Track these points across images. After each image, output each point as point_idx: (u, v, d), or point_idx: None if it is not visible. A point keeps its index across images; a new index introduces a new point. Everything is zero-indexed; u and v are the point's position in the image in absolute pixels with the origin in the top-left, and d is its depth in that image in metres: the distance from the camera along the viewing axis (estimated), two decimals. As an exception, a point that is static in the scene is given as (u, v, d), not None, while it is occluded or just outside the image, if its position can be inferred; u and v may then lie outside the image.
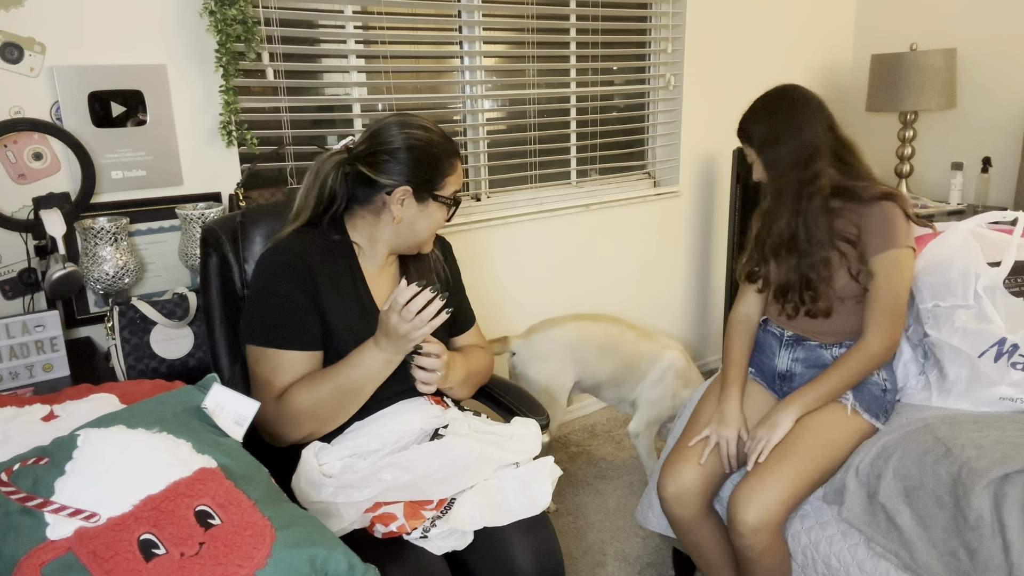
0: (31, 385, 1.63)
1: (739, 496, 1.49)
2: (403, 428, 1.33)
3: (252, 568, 0.84)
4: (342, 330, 1.33)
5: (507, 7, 2.53)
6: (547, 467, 1.32)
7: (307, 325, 1.30)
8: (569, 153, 2.86)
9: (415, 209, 1.36)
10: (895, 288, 1.55)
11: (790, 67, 3.28)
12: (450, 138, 1.38)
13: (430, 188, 1.35)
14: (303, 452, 1.26)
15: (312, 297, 1.30)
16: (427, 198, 1.36)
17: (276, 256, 1.32)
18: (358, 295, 1.38)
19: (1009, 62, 3.02)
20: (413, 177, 1.33)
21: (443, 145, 1.35)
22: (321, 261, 1.34)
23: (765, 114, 1.63)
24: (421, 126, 1.35)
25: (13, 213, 1.79)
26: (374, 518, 1.23)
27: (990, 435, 1.45)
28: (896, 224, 1.55)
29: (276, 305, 1.29)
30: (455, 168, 1.38)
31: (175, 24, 1.90)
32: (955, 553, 1.37)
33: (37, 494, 0.84)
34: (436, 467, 1.24)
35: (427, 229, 1.39)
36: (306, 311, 1.30)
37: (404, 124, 1.34)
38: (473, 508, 1.25)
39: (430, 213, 1.37)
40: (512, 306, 2.71)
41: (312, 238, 1.36)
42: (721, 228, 3.30)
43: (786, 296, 1.65)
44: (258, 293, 1.32)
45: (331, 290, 1.34)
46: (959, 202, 3.10)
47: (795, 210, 1.60)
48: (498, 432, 1.36)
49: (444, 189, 1.37)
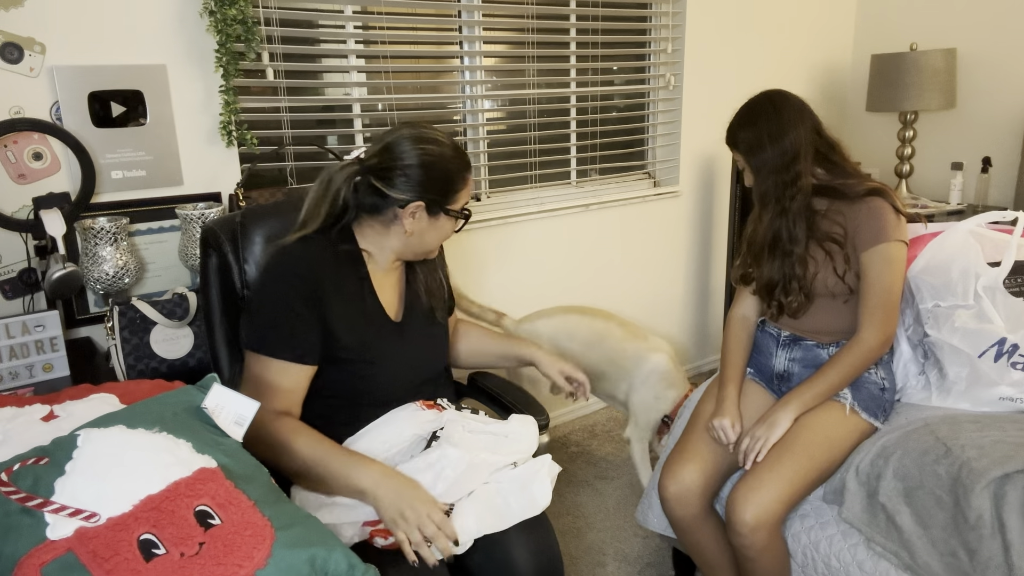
0: (31, 385, 1.63)
1: (737, 495, 1.49)
2: (395, 437, 1.32)
3: (252, 568, 0.84)
4: (347, 335, 1.33)
5: (507, 7, 2.53)
6: (545, 465, 1.31)
7: (304, 337, 1.28)
8: (569, 153, 2.86)
9: (426, 223, 1.36)
10: (887, 282, 1.56)
11: (790, 67, 3.28)
12: (462, 151, 1.38)
13: (442, 203, 1.35)
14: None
15: (314, 308, 1.29)
16: (439, 212, 1.36)
17: (283, 263, 1.31)
18: (364, 301, 1.38)
19: (1009, 62, 3.02)
20: (426, 194, 1.33)
21: (456, 160, 1.35)
22: (329, 270, 1.33)
23: (749, 120, 1.67)
24: (435, 140, 1.33)
25: (13, 213, 1.79)
26: (373, 531, 1.23)
27: (990, 435, 1.45)
28: (885, 218, 1.56)
29: (276, 313, 1.28)
30: (467, 182, 1.38)
31: (175, 24, 1.90)
32: (955, 553, 1.37)
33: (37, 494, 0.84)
34: (429, 481, 1.24)
35: (436, 240, 1.41)
36: (305, 323, 1.28)
37: (418, 139, 1.32)
38: (472, 518, 1.23)
39: (440, 225, 1.38)
40: (512, 306, 2.71)
41: (321, 245, 1.35)
42: (721, 228, 3.30)
43: (771, 295, 1.68)
44: (260, 299, 1.31)
45: (337, 298, 1.32)
46: (959, 202, 3.10)
47: (777, 211, 1.64)
48: (494, 431, 1.35)
49: (456, 203, 1.37)
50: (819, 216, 1.63)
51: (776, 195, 1.63)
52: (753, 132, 1.64)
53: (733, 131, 1.70)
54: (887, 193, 1.58)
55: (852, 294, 1.61)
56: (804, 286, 1.63)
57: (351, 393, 1.36)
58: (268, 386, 1.28)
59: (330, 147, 2.23)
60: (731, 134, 1.70)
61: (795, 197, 1.61)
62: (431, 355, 1.50)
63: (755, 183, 1.68)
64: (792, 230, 1.62)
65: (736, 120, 1.70)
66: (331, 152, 2.15)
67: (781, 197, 1.62)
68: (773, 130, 1.62)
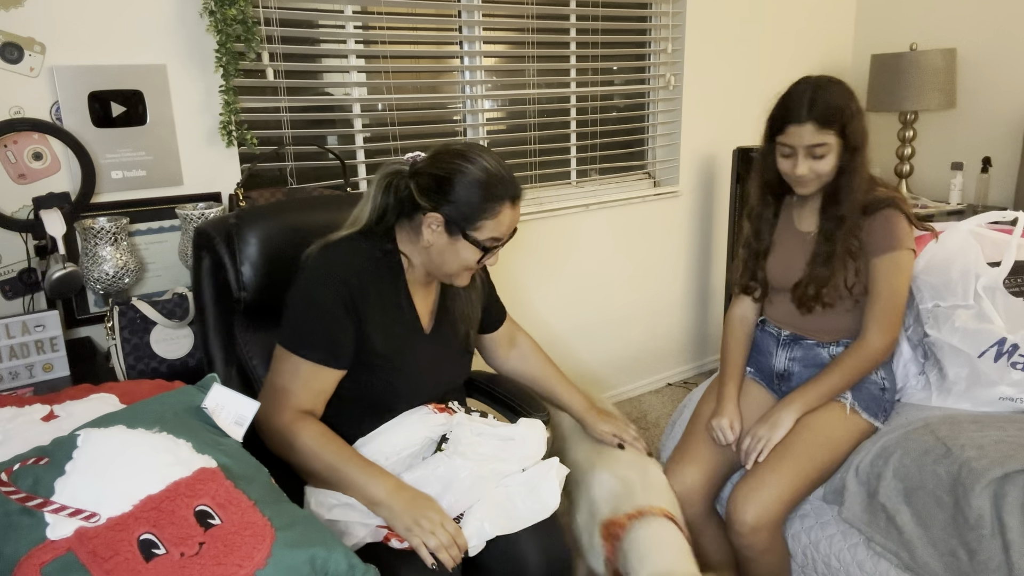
0: (31, 385, 1.63)
1: (738, 495, 1.49)
2: (406, 440, 1.33)
3: (252, 568, 0.84)
4: (381, 343, 1.34)
5: (507, 7, 2.53)
6: (553, 468, 1.32)
7: (338, 343, 1.29)
8: (569, 153, 2.86)
9: (445, 240, 1.31)
10: (896, 288, 1.56)
11: (790, 67, 3.28)
12: (507, 181, 1.30)
13: (464, 225, 1.29)
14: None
15: (354, 313, 1.30)
16: (458, 234, 1.30)
17: (328, 266, 1.31)
18: (401, 307, 1.38)
19: (1009, 62, 3.02)
20: (449, 208, 1.28)
21: (494, 187, 1.28)
22: (371, 275, 1.33)
23: (841, 95, 1.51)
24: (475, 160, 1.29)
25: (13, 213, 1.79)
26: (388, 533, 1.24)
27: (990, 435, 1.45)
28: (898, 227, 1.56)
29: (316, 317, 1.29)
30: (499, 213, 1.29)
31: (175, 24, 1.90)
32: (955, 553, 1.37)
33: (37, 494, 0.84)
34: (437, 492, 1.26)
35: (455, 264, 1.33)
36: (343, 329, 1.29)
37: (463, 154, 1.30)
38: (484, 521, 1.25)
39: (458, 250, 1.31)
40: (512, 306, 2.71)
41: (367, 248, 1.35)
42: (721, 228, 3.30)
43: (804, 293, 1.63)
44: (302, 301, 1.31)
45: (377, 305, 1.33)
46: (959, 202, 3.09)
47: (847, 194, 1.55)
48: (502, 435, 1.36)
49: (479, 231, 1.30)
50: (845, 225, 1.57)
51: (857, 182, 1.54)
52: (849, 106, 1.51)
53: (830, 102, 1.50)
54: (901, 202, 1.57)
55: (851, 296, 1.61)
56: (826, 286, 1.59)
57: (373, 397, 1.37)
58: (298, 385, 1.29)
59: (330, 147, 2.23)
60: (825, 109, 1.50)
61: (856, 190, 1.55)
62: (454, 370, 1.50)
63: (844, 165, 1.54)
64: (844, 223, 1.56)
65: (826, 90, 1.52)
66: (331, 152, 2.15)
67: (851, 183, 1.53)
68: (859, 108, 1.52)
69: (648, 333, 3.19)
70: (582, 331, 2.96)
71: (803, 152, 1.52)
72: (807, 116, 1.50)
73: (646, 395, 3.21)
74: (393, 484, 1.24)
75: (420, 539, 1.19)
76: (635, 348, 3.16)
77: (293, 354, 1.28)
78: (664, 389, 3.27)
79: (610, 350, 3.08)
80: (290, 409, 1.28)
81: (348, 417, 1.36)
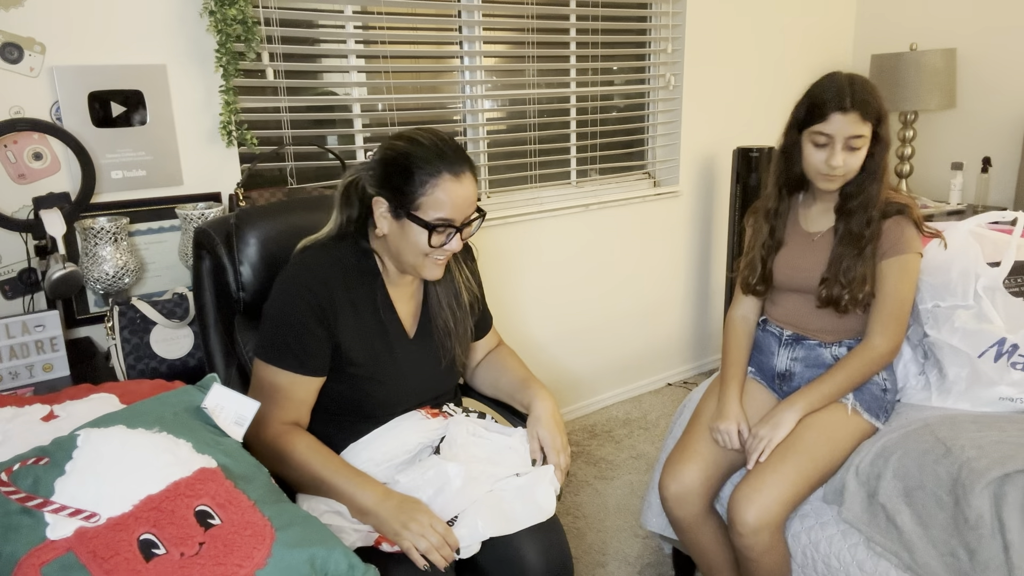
0: (31, 385, 1.63)
1: (739, 496, 1.49)
2: (400, 447, 1.33)
3: (252, 568, 0.84)
4: (357, 352, 1.33)
5: (507, 7, 2.53)
6: (547, 476, 1.32)
7: (313, 352, 1.29)
8: (569, 153, 2.86)
9: (395, 225, 1.28)
10: (902, 292, 1.56)
11: (790, 67, 3.28)
12: (447, 157, 1.24)
13: (403, 204, 1.25)
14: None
15: (325, 323, 1.29)
16: (403, 216, 1.25)
17: (299, 276, 1.30)
18: (379, 315, 1.36)
19: (1009, 62, 3.02)
20: (385, 188, 1.26)
21: (428, 162, 1.23)
22: (344, 283, 1.32)
23: (878, 91, 1.51)
24: (410, 136, 1.27)
25: (13, 213, 1.79)
26: (379, 537, 1.24)
27: (990, 435, 1.45)
28: (907, 232, 1.56)
29: (290, 327, 1.28)
30: (435, 188, 1.22)
31: (175, 24, 1.90)
32: (955, 553, 1.37)
33: (37, 494, 0.84)
34: (427, 497, 1.25)
35: (409, 251, 1.28)
36: (315, 338, 1.28)
37: (400, 135, 1.29)
38: (478, 521, 1.24)
39: (407, 234, 1.26)
40: (512, 306, 2.71)
41: (341, 253, 1.34)
42: (721, 228, 3.30)
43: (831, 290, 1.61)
44: (274, 311, 1.30)
45: (350, 313, 1.32)
46: (959, 202, 3.10)
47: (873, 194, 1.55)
48: (496, 443, 1.36)
49: (420, 210, 1.24)
50: (871, 227, 1.57)
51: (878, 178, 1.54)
52: (884, 103, 1.51)
53: (865, 95, 1.49)
54: (912, 209, 1.57)
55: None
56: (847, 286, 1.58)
57: (352, 404, 1.36)
58: (278, 396, 1.28)
59: (330, 147, 2.23)
60: (866, 101, 1.49)
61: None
62: (444, 374, 1.46)
63: (872, 160, 1.54)
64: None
65: (859, 85, 1.52)
66: (331, 152, 2.15)
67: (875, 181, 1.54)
68: (887, 109, 1.52)
69: (648, 333, 3.19)
70: (582, 331, 2.96)
71: (841, 142, 1.51)
72: (852, 106, 1.48)
73: (646, 395, 3.21)
74: (381, 492, 1.23)
75: (410, 542, 1.18)
76: (635, 348, 3.16)
77: (269, 364, 1.28)
78: (664, 389, 3.27)
79: (610, 350, 3.08)
80: (275, 422, 1.28)
81: (336, 425, 1.35)
